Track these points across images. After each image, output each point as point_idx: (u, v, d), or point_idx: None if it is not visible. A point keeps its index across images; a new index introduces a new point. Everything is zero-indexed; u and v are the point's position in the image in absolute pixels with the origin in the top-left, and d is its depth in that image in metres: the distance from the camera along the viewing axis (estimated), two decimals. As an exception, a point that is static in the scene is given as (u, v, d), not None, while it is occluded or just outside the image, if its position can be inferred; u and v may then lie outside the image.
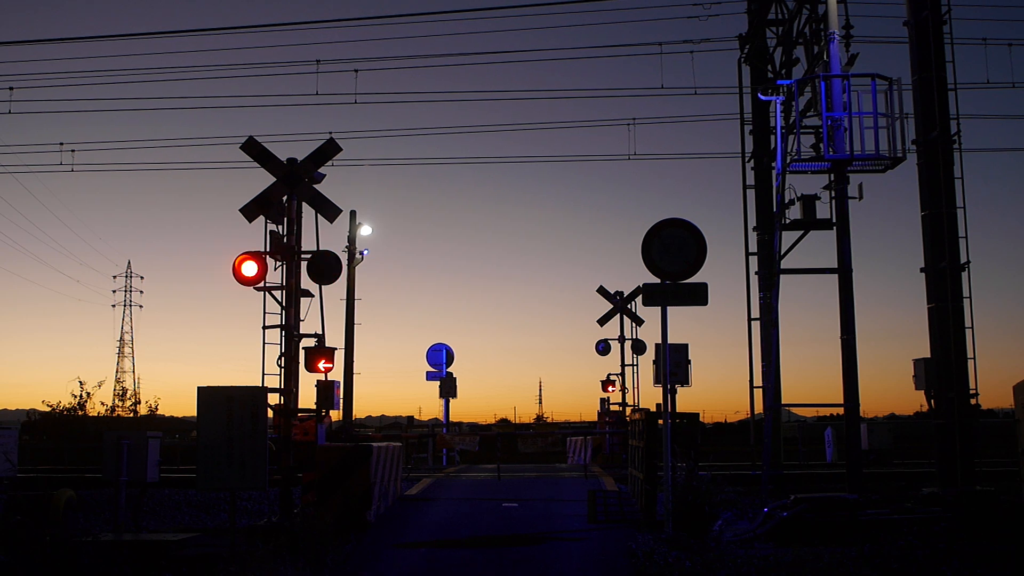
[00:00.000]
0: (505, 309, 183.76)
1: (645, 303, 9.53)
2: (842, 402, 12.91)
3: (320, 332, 11.54)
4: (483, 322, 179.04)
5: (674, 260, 9.41)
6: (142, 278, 63.37)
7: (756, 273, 16.62)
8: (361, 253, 26.35)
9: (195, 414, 8.68)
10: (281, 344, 11.04)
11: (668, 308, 9.53)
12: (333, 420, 11.67)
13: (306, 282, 11.53)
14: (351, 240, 26.17)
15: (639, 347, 25.84)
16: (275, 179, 11.29)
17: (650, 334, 26.65)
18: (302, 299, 11.19)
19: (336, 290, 26.58)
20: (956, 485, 10.89)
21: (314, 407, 11.05)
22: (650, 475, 10.06)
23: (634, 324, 25.83)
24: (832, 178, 13.59)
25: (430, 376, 22.54)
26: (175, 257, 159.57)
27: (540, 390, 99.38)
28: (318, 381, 11.10)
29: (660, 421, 9.72)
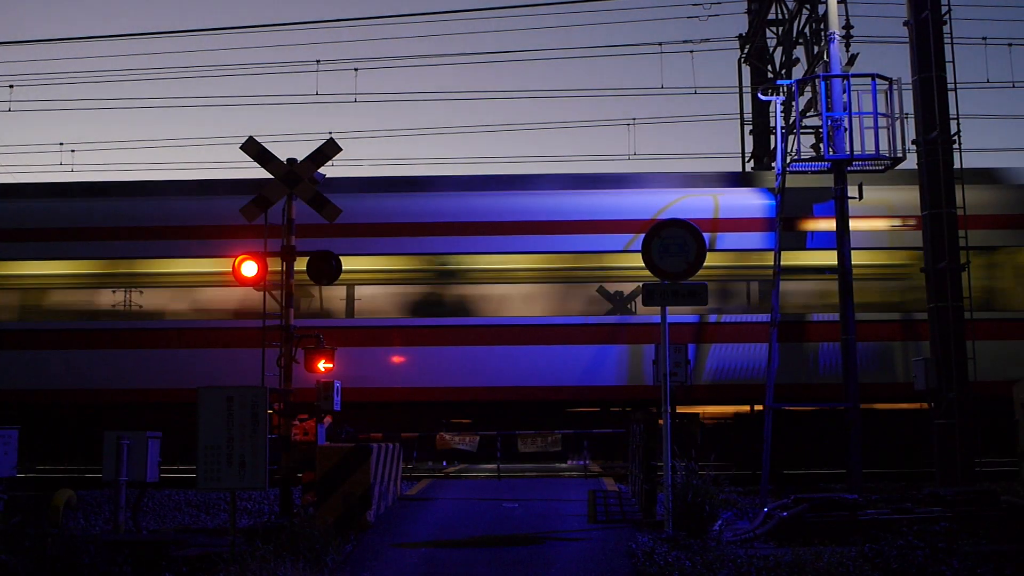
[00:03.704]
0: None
1: (645, 303, 9.54)
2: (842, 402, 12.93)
3: (320, 332, 11.58)
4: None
5: (674, 260, 9.43)
6: (142, 278, 63.24)
7: (756, 273, 16.60)
8: (361, 253, 26.31)
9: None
10: (281, 344, 11.05)
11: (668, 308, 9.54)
12: (333, 420, 11.67)
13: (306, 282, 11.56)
14: (351, 240, 26.13)
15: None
16: (275, 179, 11.30)
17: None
18: (302, 299, 11.21)
19: (336, 290, 26.55)
20: (956, 485, 10.89)
21: (314, 407, 11.06)
22: (650, 475, 10.06)
23: (634, 324, 25.79)
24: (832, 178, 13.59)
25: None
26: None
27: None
28: (318, 381, 11.11)
29: (660, 421, 9.71)
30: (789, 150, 14.09)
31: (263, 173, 11.52)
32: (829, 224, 13.68)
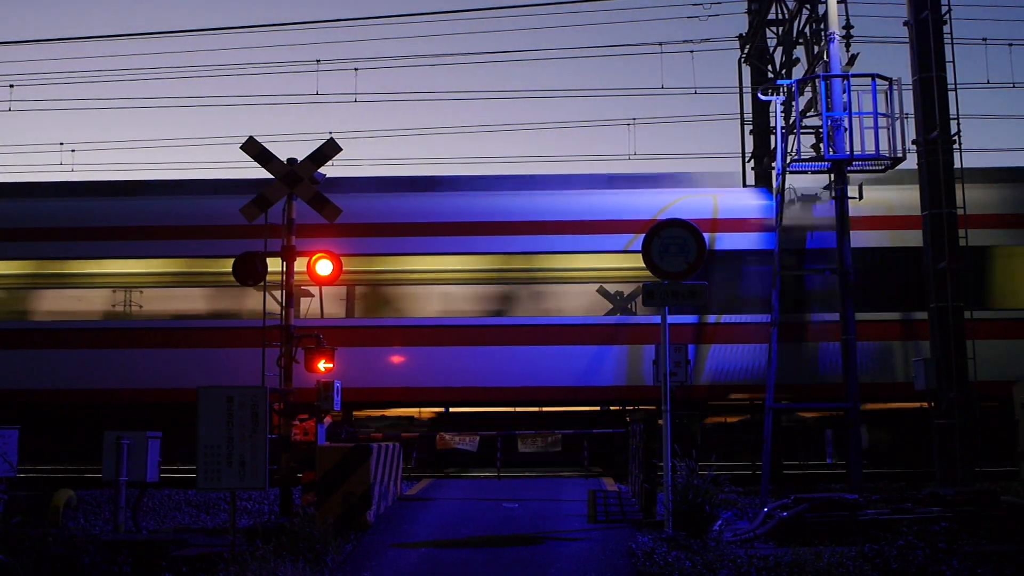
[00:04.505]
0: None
1: (645, 303, 9.55)
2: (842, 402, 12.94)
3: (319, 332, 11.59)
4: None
5: (674, 260, 9.44)
6: (143, 278, 63.12)
7: (756, 273, 16.60)
8: (361, 253, 26.29)
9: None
10: (281, 344, 11.05)
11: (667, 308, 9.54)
12: (333, 419, 11.67)
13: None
14: (351, 240, 26.12)
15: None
16: (275, 179, 11.30)
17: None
18: (302, 299, 11.21)
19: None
20: (956, 485, 10.90)
21: (314, 407, 11.06)
22: (650, 475, 10.06)
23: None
24: (832, 178, 13.59)
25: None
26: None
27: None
28: (318, 381, 11.11)
29: (660, 421, 9.71)
30: (789, 150, 14.10)
31: (264, 173, 11.53)
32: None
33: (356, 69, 18.73)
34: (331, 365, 11.30)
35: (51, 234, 15.12)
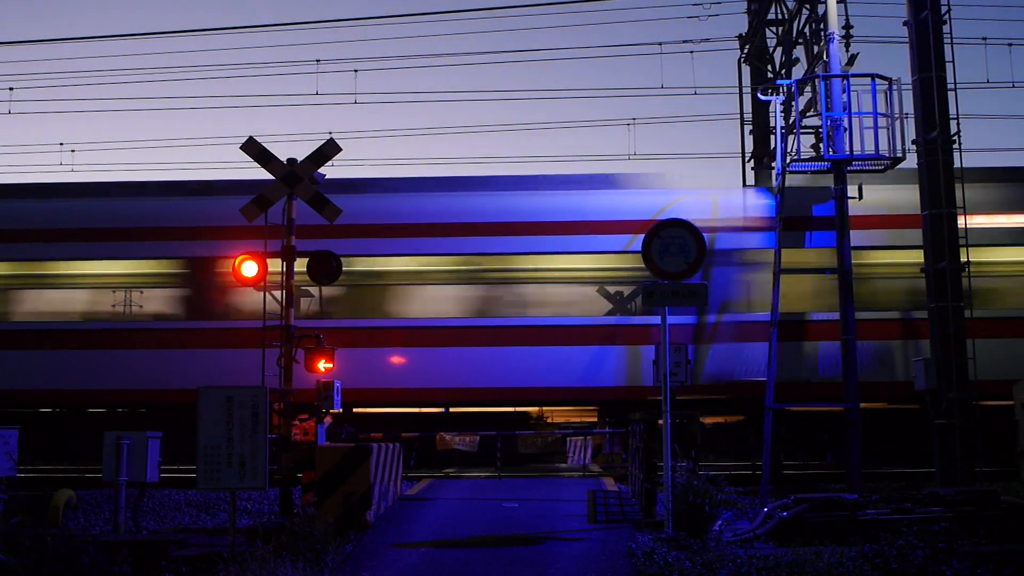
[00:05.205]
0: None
1: (645, 303, 9.57)
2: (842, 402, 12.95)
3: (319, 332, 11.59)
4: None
5: (674, 260, 9.43)
6: (143, 278, 63.10)
7: (756, 273, 16.59)
8: (361, 253, 26.28)
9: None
10: (281, 344, 11.06)
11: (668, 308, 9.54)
12: (332, 420, 11.67)
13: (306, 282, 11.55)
14: (351, 240, 26.10)
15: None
16: (275, 179, 11.30)
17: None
18: (302, 299, 11.21)
19: (336, 290, 26.52)
20: (956, 485, 10.90)
21: (314, 407, 11.06)
22: (650, 475, 10.06)
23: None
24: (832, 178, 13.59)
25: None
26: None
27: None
28: (318, 381, 11.12)
29: (660, 421, 9.71)
30: (789, 150, 14.10)
31: (264, 173, 11.53)
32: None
33: (356, 70, 18.74)
34: (331, 365, 11.30)
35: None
